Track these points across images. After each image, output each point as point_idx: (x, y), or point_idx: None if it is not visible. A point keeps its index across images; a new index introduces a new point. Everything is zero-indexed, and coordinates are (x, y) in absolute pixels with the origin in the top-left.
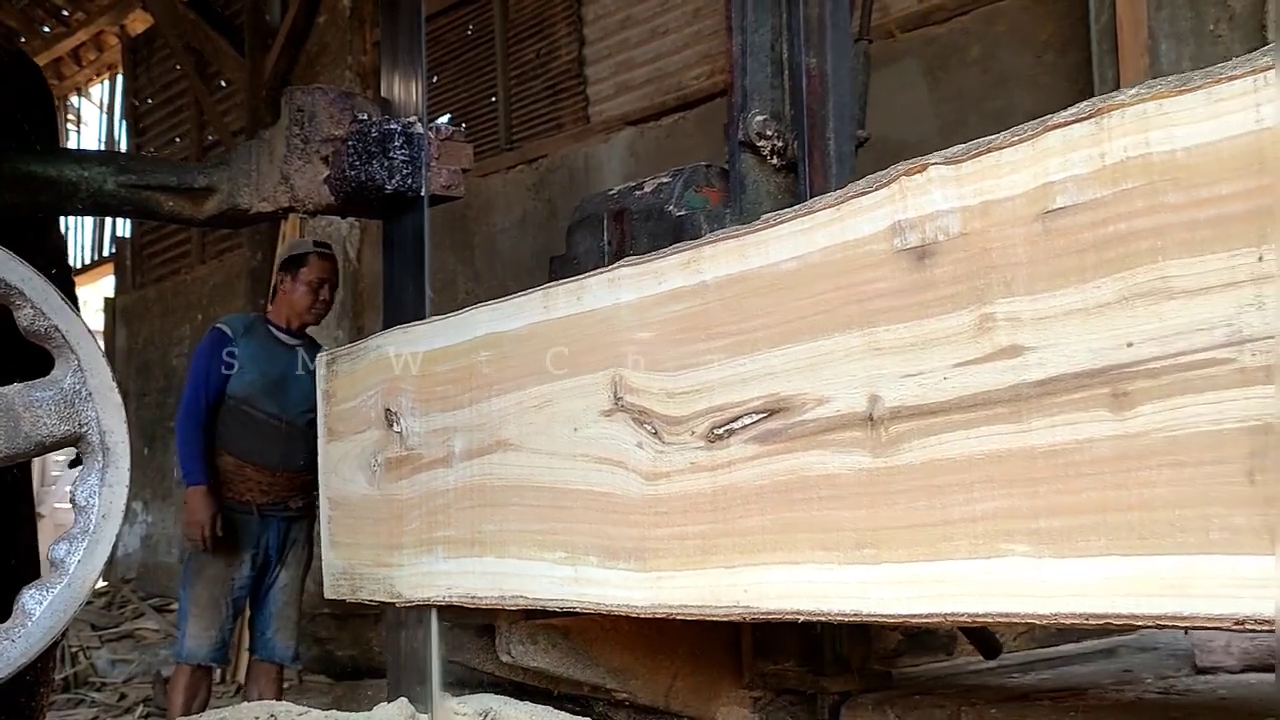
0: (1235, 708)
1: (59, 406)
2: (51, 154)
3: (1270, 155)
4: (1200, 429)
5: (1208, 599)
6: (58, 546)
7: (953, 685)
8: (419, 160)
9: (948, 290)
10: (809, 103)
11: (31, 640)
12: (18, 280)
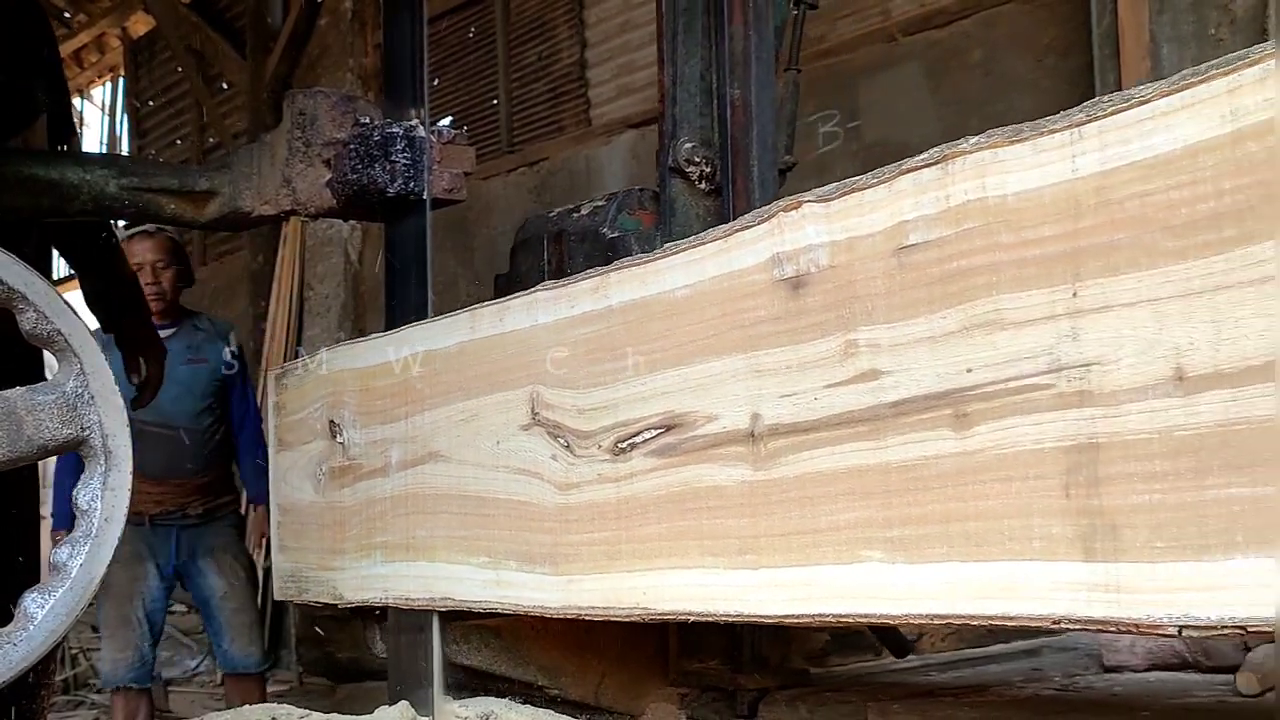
0: (1118, 704)
1: (61, 410)
2: (54, 157)
3: (1084, 201)
4: (1025, 447)
5: (1031, 601)
6: (60, 550)
7: (867, 683)
8: (421, 163)
9: (818, 318)
10: (733, 131)
11: (34, 643)
12: (20, 284)
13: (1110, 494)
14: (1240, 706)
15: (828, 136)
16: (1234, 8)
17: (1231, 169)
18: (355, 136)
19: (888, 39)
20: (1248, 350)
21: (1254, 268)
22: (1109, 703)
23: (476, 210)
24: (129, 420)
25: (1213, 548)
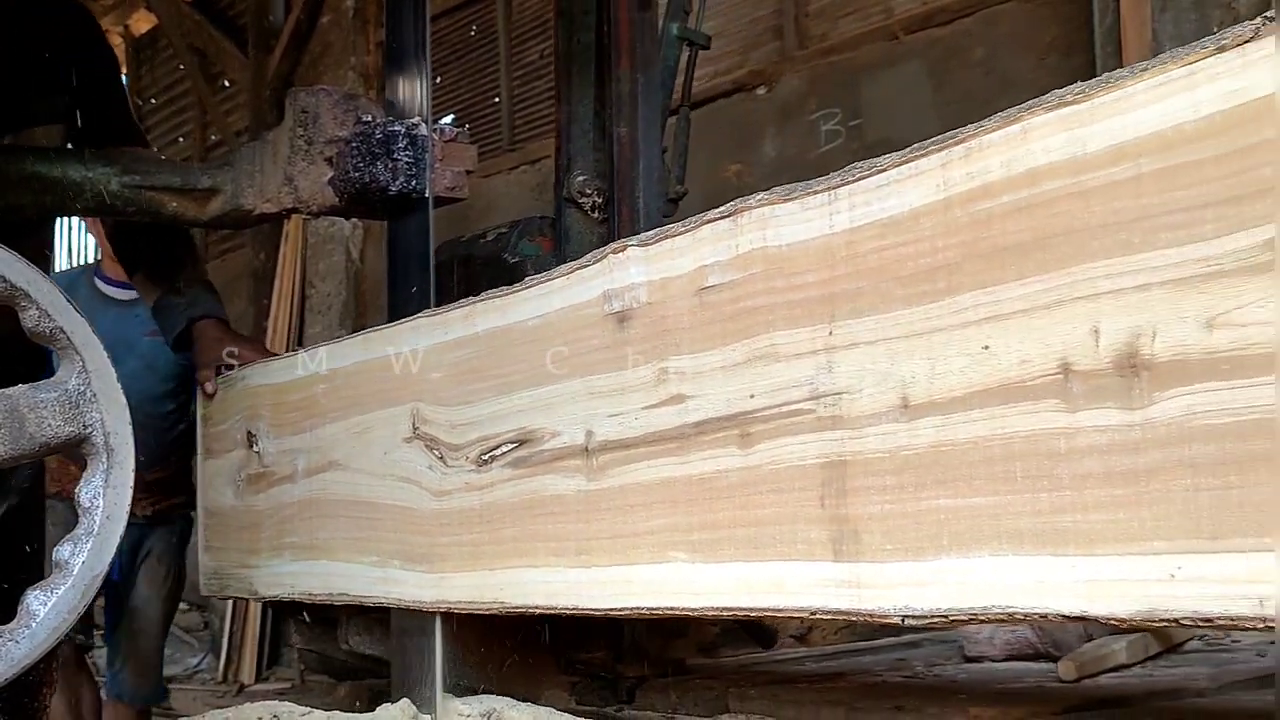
0: (947, 688)
1: (64, 408)
2: (57, 155)
3: (837, 253)
4: (792, 464)
5: (795, 595)
6: (62, 547)
7: (736, 671)
8: (423, 162)
9: (639, 348)
10: (619, 165)
11: (36, 641)
12: (23, 281)
13: (854, 504)
14: (1054, 690)
15: (829, 135)
16: (1237, 6)
17: (944, 230)
18: (357, 134)
19: (889, 37)
20: (953, 384)
21: (958, 314)
22: (942, 687)
23: (478, 208)
24: (131, 418)
25: (925, 550)
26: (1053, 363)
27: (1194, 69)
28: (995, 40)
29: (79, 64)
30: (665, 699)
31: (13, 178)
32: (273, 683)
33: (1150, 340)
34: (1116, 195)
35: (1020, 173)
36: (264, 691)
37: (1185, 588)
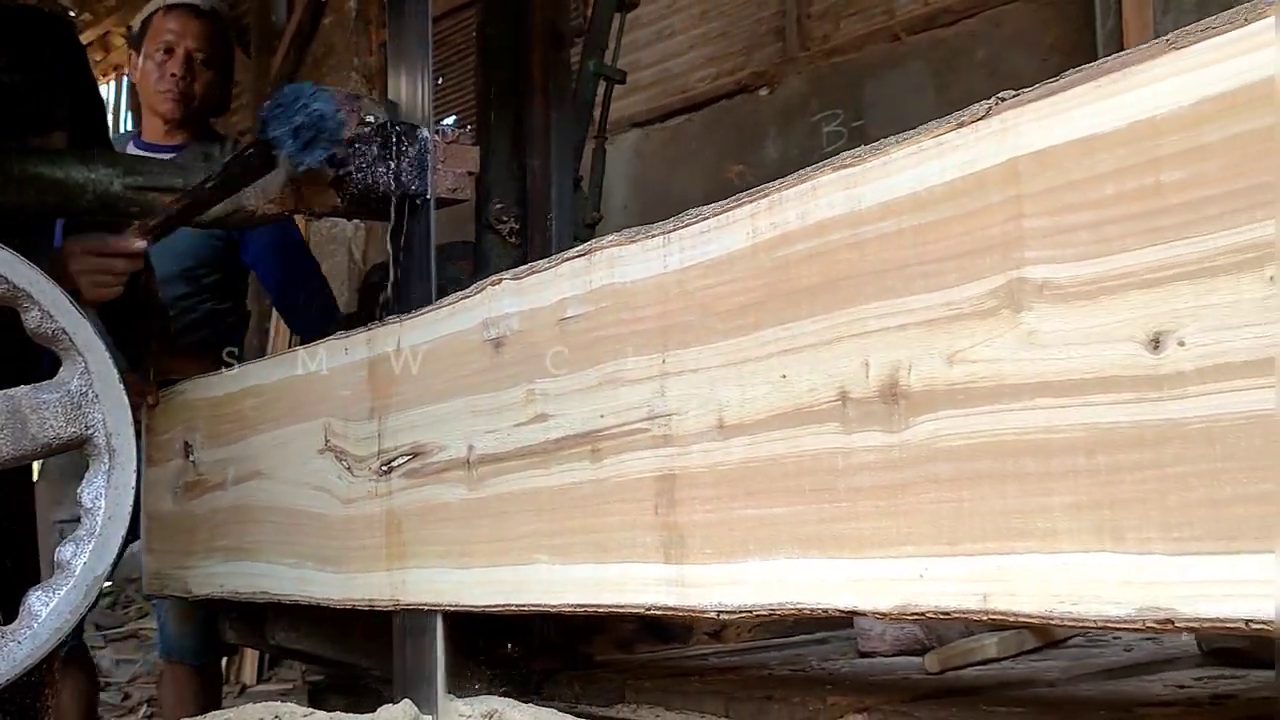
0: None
1: (66, 408)
2: (59, 155)
3: (670, 290)
4: (633, 477)
5: (635, 593)
6: (64, 548)
7: (640, 665)
8: (425, 163)
9: (511, 371)
10: (533, 194)
11: (38, 641)
12: (25, 282)
13: (681, 513)
14: (915, 681)
15: (832, 136)
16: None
17: (752, 272)
18: (360, 136)
19: (892, 38)
20: (759, 408)
21: (762, 347)
22: (818, 679)
23: None
24: (133, 419)
25: (736, 553)
26: (834, 391)
27: (940, 141)
28: (998, 41)
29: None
30: (570, 690)
31: (15, 178)
32: (274, 684)
33: (908, 373)
34: (884, 246)
35: (811, 224)
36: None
37: (931, 585)
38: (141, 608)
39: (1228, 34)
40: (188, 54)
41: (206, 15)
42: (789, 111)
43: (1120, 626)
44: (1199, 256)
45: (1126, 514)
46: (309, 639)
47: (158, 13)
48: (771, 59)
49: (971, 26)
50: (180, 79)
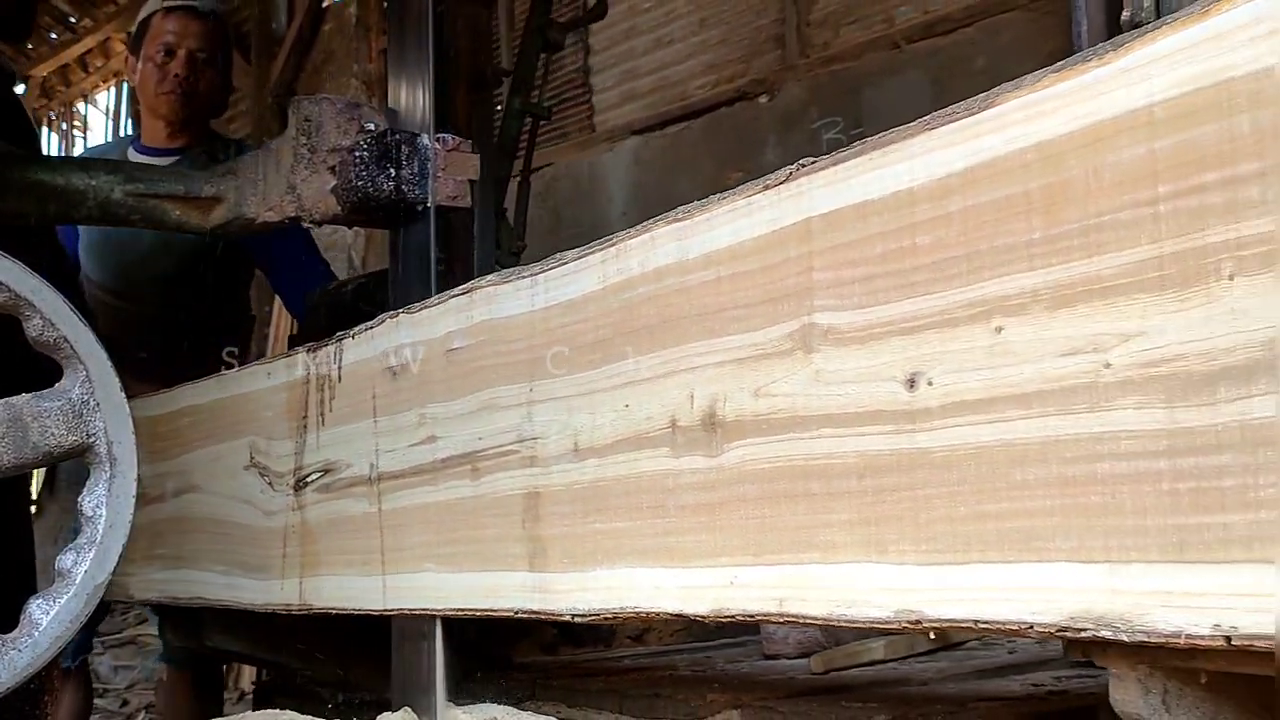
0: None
1: (67, 417)
2: (59, 162)
3: (537, 326)
4: (505, 493)
5: (506, 599)
6: (65, 556)
7: (554, 666)
8: (425, 170)
9: (406, 396)
10: (456, 227)
11: (38, 649)
12: (26, 290)
13: (544, 526)
14: (797, 680)
15: (831, 144)
16: None
17: (603, 312)
18: (360, 143)
19: (891, 46)
20: (606, 433)
21: (610, 379)
22: (711, 679)
23: None
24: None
25: (587, 563)
26: (666, 419)
27: (751, 200)
28: (997, 49)
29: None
30: (485, 689)
31: (16, 185)
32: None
33: (723, 404)
34: (706, 292)
35: (650, 270)
36: None
37: (740, 591)
38: (140, 614)
39: (964, 119)
40: (190, 54)
41: (206, 16)
42: (788, 118)
43: (882, 627)
44: (943, 309)
45: (888, 530)
46: (241, 641)
47: (156, 15)
48: (771, 66)
49: (970, 35)
50: (184, 79)
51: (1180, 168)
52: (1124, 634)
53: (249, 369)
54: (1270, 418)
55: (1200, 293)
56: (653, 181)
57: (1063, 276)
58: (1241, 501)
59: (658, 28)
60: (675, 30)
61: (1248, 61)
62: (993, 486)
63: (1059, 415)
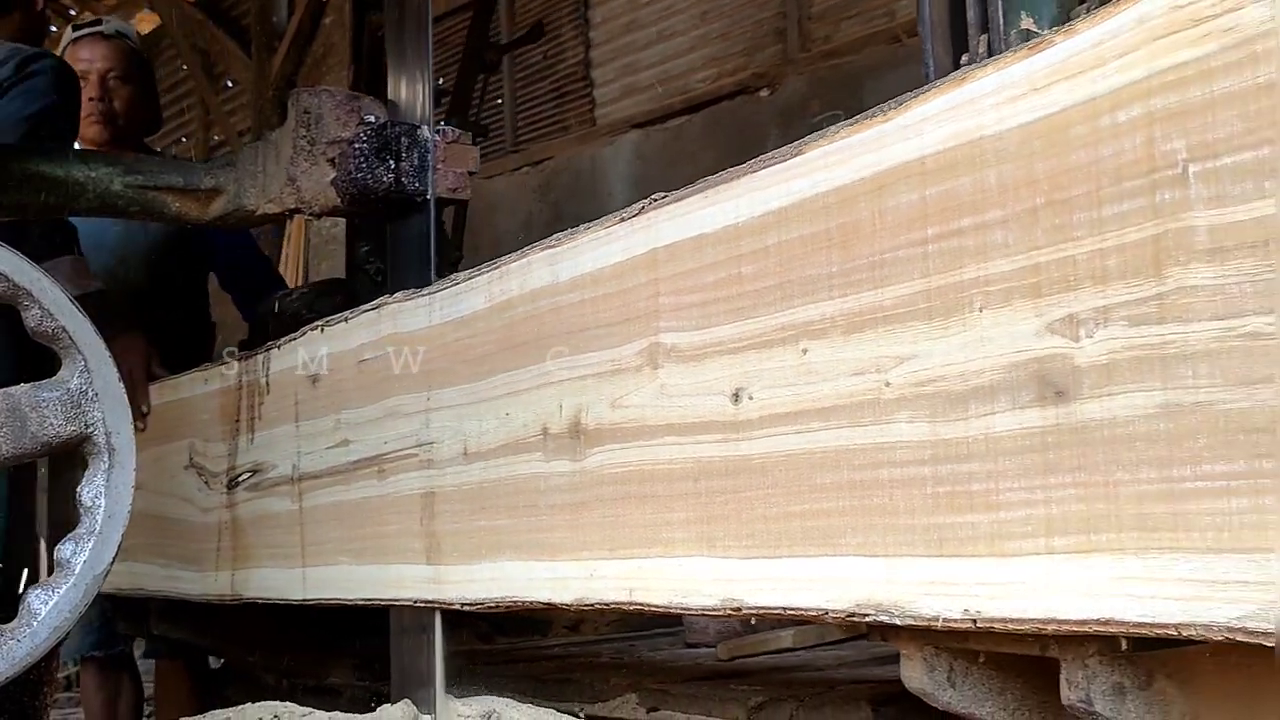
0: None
1: (65, 407)
2: (59, 154)
3: (435, 340)
4: (407, 493)
5: (407, 589)
6: (64, 546)
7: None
8: (425, 163)
9: (324, 402)
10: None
11: (37, 640)
12: (25, 281)
13: (439, 523)
14: (701, 666)
15: None
16: None
17: (488, 329)
18: (360, 135)
19: (892, 40)
20: (491, 439)
21: (494, 389)
22: (626, 665)
23: (480, 210)
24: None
25: (474, 556)
26: (539, 427)
27: (610, 231)
28: None
29: None
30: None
31: (16, 177)
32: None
33: (586, 414)
34: (574, 312)
35: (528, 291)
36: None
37: (598, 583)
38: None
39: (780, 164)
40: (101, 77)
41: (112, 36)
42: (789, 112)
43: (711, 614)
44: (761, 331)
45: (717, 527)
46: (183, 630)
47: (68, 48)
48: (772, 60)
49: None
50: (99, 100)
51: (944, 212)
52: (897, 619)
53: (188, 376)
54: (1010, 430)
55: (958, 322)
56: (654, 175)
57: (855, 305)
58: (986, 503)
59: (659, 21)
60: (677, 24)
61: (995, 123)
62: (799, 489)
63: (850, 427)
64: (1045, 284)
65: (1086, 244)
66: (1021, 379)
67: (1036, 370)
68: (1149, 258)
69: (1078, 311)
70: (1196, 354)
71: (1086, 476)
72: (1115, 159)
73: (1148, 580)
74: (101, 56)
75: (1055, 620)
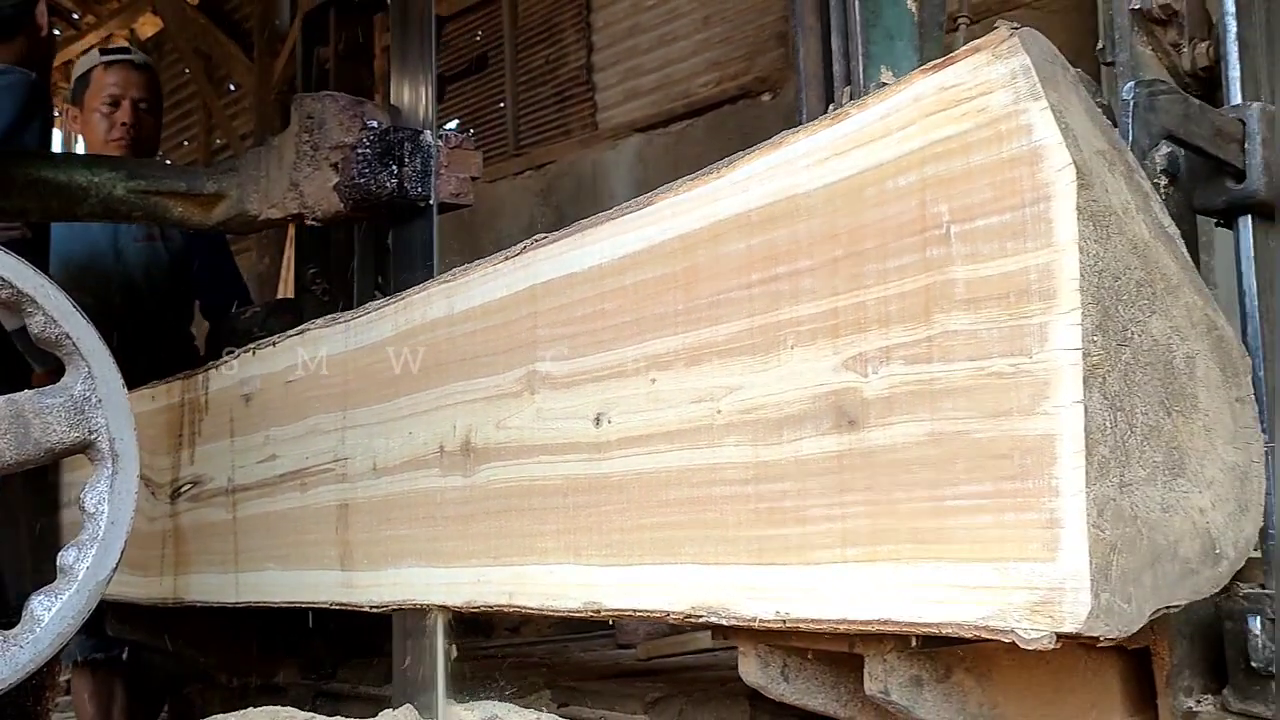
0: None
1: (69, 413)
2: (62, 159)
3: (349, 364)
4: (325, 504)
5: (323, 593)
6: (66, 552)
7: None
8: (428, 167)
9: (255, 420)
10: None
11: (40, 646)
12: (30, 287)
13: (352, 532)
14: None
15: None
16: None
17: (397, 355)
18: (363, 140)
19: None
20: (395, 456)
21: (398, 410)
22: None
23: (482, 213)
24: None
25: (380, 563)
26: (437, 446)
27: (498, 268)
28: None
29: None
30: (353, 674)
31: (19, 182)
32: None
33: (476, 434)
34: (466, 342)
35: (428, 321)
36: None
37: (485, 587)
38: None
39: (637, 212)
40: (134, 103)
41: (143, 67)
42: (792, 117)
43: (575, 615)
44: (619, 362)
45: (582, 538)
46: (139, 632)
47: (96, 69)
48: (774, 64)
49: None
50: (131, 127)
51: (765, 260)
52: (723, 619)
53: (138, 393)
54: (814, 454)
55: (775, 357)
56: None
57: (695, 340)
58: (795, 518)
59: (661, 25)
60: (679, 28)
61: (806, 182)
62: (648, 504)
63: (690, 449)
64: (842, 326)
65: (875, 291)
66: (822, 409)
67: (834, 401)
68: (921, 305)
69: (866, 351)
70: (956, 389)
71: (873, 495)
72: (898, 218)
73: (918, 585)
74: (135, 85)
75: (847, 620)
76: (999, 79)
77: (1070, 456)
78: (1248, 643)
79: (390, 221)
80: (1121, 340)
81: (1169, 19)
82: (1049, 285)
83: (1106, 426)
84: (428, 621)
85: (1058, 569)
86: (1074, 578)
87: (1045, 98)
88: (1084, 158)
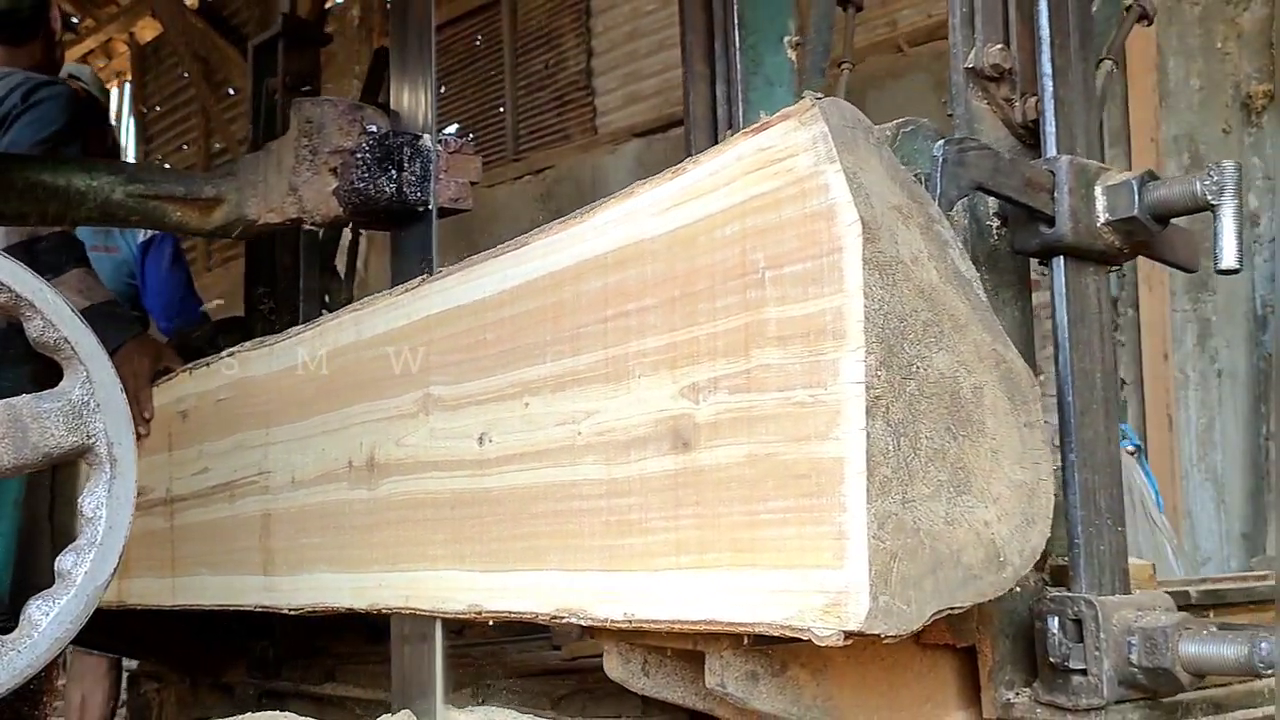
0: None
1: (67, 418)
2: (60, 163)
3: (272, 386)
4: (249, 514)
5: (249, 597)
6: (64, 558)
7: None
8: (427, 172)
9: (190, 435)
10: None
11: (38, 651)
12: (28, 291)
13: (273, 540)
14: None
15: None
16: (1240, 21)
17: (314, 377)
18: (362, 145)
19: (895, 49)
20: (311, 470)
21: (313, 428)
22: (486, 664)
23: (482, 218)
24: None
25: (297, 569)
26: (345, 461)
27: (399, 299)
28: None
29: None
30: (295, 673)
31: (17, 186)
32: None
33: (379, 450)
34: (372, 366)
35: (340, 346)
36: None
37: (385, 591)
38: None
39: (515, 251)
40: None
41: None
42: None
43: (460, 617)
44: (499, 387)
45: (467, 547)
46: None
47: None
48: None
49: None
50: None
51: (619, 297)
52: (583, 620)
53: None
54: (655, 473)
55: (624, 385)
56: None
57: (560, 369)
58: (640, 529)
59: (661, 30)
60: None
61: (651, 229)
62: (522, 516)
63: (555, 467)
64: (679, 358)
65: (705, 328)
66: (662, 432)
67: (672, 425)
68: (741, 341)
69: (698, 381)
70: (768, 416)
71: (701, 509)
72: (724, 263)
73: (737, 590)
74: None
75: (680, 620)
76: (803, 143)
77: (855, 477)
78: (1048, 640)
79: (389, 226)
80: (906, 374)
81: (1000, 76)
82: (840, 326)
83: (890, 450)
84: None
85: (844, 575)
86: (856, 582)
87: (840, 160)
88: (874, 214)
